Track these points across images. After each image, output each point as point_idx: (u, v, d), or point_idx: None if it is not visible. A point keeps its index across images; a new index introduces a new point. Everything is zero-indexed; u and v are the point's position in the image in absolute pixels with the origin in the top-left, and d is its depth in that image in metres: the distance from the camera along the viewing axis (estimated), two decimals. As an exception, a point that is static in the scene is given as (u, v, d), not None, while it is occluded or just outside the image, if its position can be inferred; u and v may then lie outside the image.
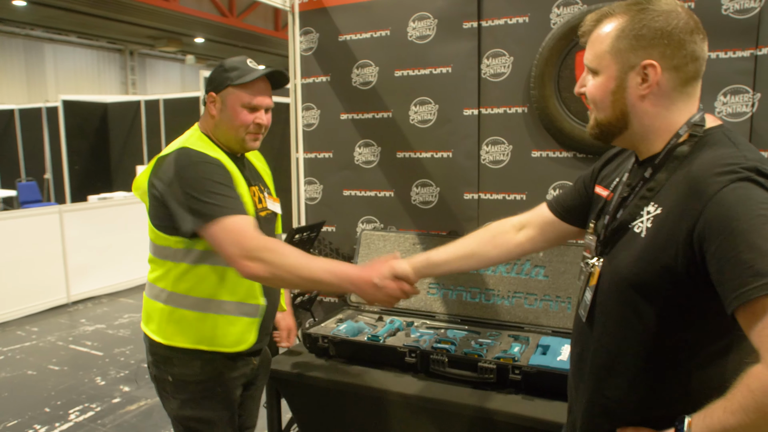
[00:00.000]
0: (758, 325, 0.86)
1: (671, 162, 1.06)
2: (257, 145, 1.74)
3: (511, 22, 2.41)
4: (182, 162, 1.57)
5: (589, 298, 1.18)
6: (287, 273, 1.49)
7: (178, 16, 11.46)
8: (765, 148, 2.08)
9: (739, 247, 0.87)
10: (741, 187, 0.92)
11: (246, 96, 1.65)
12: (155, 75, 17.64)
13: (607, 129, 1.14)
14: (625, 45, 1.07)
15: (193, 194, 1.51)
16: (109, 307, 5.94)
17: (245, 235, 1.49)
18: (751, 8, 2.04)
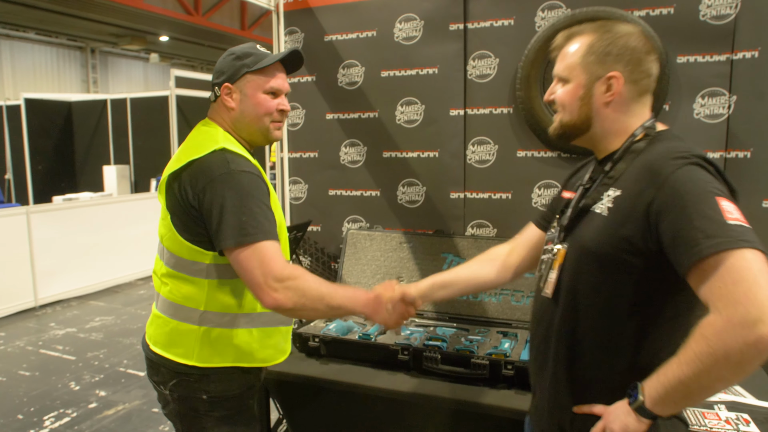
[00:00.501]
0: (709, 280, 0.98)
1: (629, 155, 1.24)
2: (280, 134, 1.63)
3: (497, 24, 2.46)
4: (221, 169, 1.44)
5: (554, 276, 1.31)
6: (311, 302, 1.44)
7: (142, 13, 11.23)
8: (741, 148, 2.19)
9: (692, 216, 1.02)
10: (691, 170, 1.09)
11: (267, 81, 1.55)
12: (118, 73, 17.24)
13: (570, 130, 1.31)
14: (593, 59, 1.25)
15: (234, 210, 1.40)
16: (79, 311, 5.79)
17: (275, 262, 1.41)
18: (727, 15, 2.13)
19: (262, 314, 1.59)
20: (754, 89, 2.14)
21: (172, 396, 1.59)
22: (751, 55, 2.13)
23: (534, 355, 1.42)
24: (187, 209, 1.47)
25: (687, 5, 2.17)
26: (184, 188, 1.46)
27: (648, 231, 1.10)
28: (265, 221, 1.43)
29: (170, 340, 1.57)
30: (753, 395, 1.93)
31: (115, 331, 5.14)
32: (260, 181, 1.48)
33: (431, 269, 2.60)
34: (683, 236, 1.03)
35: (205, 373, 1.55)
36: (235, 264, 1.43)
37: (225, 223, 1.40)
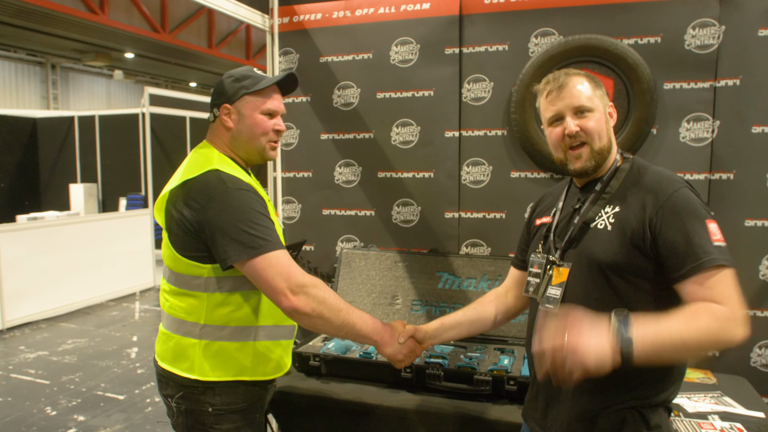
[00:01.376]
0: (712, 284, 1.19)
1: (619, 174, 1.41)
2: (275, 154, 1.69)
3: (492, 49, 2.54)
4: (218, 189, 1.49)
5: (558, 293, 1.41)
6: (329, 312, 1.48)
7: (107, 30, 11.06)
8: (724, 170, 2.30)
9: (690, 234, 1.23)
10: (686, 193, 1.29)
11: (264, 102, 1.61)
12: (79, 90, 16.89)
13: (601, 155, 1.41)
14: (599, 92, 1.43)
15: (240, 225, 1.46)
16: (49, 333, 5.61)
17: (293, 269, 1.47)
18: (711, 44, 2.26)
19: (262, 328, 1.62)
20: (736, 115, 2.26)
21: (178, 409, 1.62)
22: (732, 83, 2.26)
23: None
24: (184, 227, 1.52)
25: (673, 35, 2.29)
26: (180, 207, 1.52)
27: (644, 239, 1.28)
28: (271, 232, 1.50)
29: (175, 355, 1.61)
30: (741, 405, 2.01)
31: (89, 354, 4.99)
32: (257, 196, 1.54)
33: (426, 288, 2.64)
34: (684, 251, 1.23)
35: (209, 386, 1.58)
36: (252, 275, 1.48)
37: (233, 239, 1.46)
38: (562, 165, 1.45)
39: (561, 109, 1.40)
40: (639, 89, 2.31)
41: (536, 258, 1.52)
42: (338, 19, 2.75)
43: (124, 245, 7.05)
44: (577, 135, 1.38)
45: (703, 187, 2.32)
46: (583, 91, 1.39)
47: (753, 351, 2.31)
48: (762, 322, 2.30)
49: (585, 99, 1.38)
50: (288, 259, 1.50)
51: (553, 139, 1.43)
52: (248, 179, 1.60)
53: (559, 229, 1.48)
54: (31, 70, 15.46)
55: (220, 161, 1.59)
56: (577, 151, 1.39)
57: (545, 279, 1.47)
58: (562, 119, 1.40)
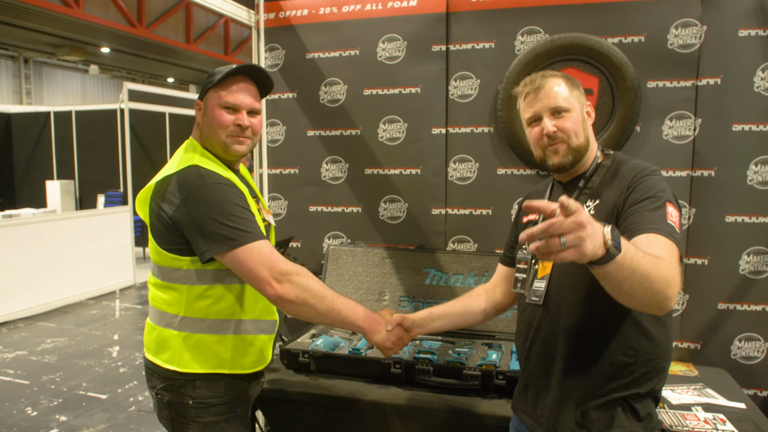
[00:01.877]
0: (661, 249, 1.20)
1: (600, 170, 1.47)
2: (243, 149, 1.65)
3: (478, 47, 2.56)
4: (196, 183, 1.51)
5: (542, 285, 1.47)
6: (314, 298, 1.50)
7: (82, 23, 10.82)
8: (705, 167, 2.35)
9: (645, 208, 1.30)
10: (656, 178, 1.37)
11: (223, 96, 1.60)
12: (53, 85, 16.57)
13: (579, 152, 1.46)
14: (576, 92, 1.48)
15: (218, 219, 1.48)
16: (28, 332, 5.51)
17: (275, 258, 1.50)
18: (693, 44, 2.31)
19: (242, 321, 1.63)
20: (717, 113, 2.31)
21: (161, 401, 1.64)
22: (714, 82, 2.31)
23: (536, 359, 1.52)
24: (164, 221, 1.54)
25: (656, 34, 2.33)
26: (160, 202, 1.54)
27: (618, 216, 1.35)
28: (251, 224, 1.51)
29: (157, 346, 1.63)
30: (723, 397, 2.06)
31: (69, 353, 4.91)
32: (236, 189, 1.56)
33: (414, 284, 2.65)
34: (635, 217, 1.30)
35: (189, 378, 1.60)
36: (235, 266, 1.50)
37: (213, 232, 1.48)
38: (541, 162, 1.51)
39: (538, 110, 1.46)
40: (623, 87, 2.35)
41: (522, 254, 1.57)
42: (325, 16, 2.74)
43: (103, 243, 6.94)
44: (554, 135, 1.44)
45: (685, 184, 2.37)
46: (559, 93, 1.45)
47: (733, 344, 2.37)
48: (742, 315, 2.35)
49: (561, 100, 1.44)
50: (270, 249, 1.52)
51: (533, 138, 1.50)
52: (227, 173, 1.61)
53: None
54: (3, 64, 15.11)
55: (202, 156, 1.62)
56: (555, 146, 1.45)
57: (531, 273, 1.52)
58: (540, 120, 1.46)
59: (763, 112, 2.28)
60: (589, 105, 1.51)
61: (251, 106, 1.64)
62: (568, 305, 1.42)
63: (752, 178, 2.32)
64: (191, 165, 1.56)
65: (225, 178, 1.57)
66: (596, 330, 1.39)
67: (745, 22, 2.27)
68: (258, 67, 1.69)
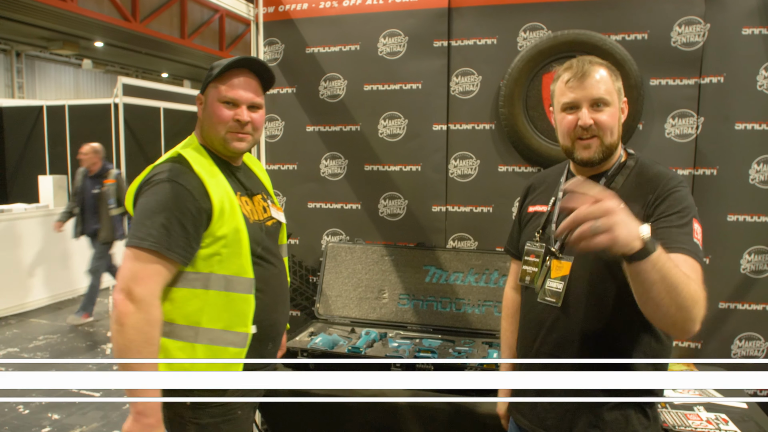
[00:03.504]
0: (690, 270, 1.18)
1: (624, 171, 1.42)
2: (243, 146, 1.60)
3: (480, 43, 2.54)
4: (159, 177, 1.47)
5: (560, 286, 1.41)
6: (132, 330, 1.38)
7: (75, 17, 10.72)
8: (708, 166, 2.34)
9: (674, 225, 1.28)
10: (683, 190, 1.34)
11: (222, 90, 1.55)
12: (46, 79, 16.41)
13: (610, 150, 1.40)
14: (618, 85, 1.40)
15: (144, 213, 1.44)
16: (19, 329, 5.44)
17: (145, 278, 1.40)
18: (696, 42, 2.30)
19: (206, 330, 1.53)
20: (720, 111, 2.31)
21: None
22: (717, 80, 2.30)
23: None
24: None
25: (660, 32, 2.32)
26: (137, 194, 1.52)
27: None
28: (163, 232, 1.41)
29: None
30: (722, 395, 2.06)
31: (62, 351, 4.86)
32: (186, 194, 1.46)
33: (413, 282, 2.63)
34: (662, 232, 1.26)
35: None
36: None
37: (132, 224, 1.45)
38: (567, 153, 1.43)
39: (579, 99, 1.37)
40: (626, 85, 2.29)
41: (533, 247, 1.50)
42: (325, 10, 2.71)
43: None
44: (590, 128, 1.36)
45: (687, 182, 2.35)
46: (603, 84, 1.36)
47: (734, 343, 2.37)
48: (742, 315, 2.35)
49: (604, 92, 1.36)
50: (153, 270, 1.41)
51: (564, 126, 1.40)
52: (210, 170, 1.54)
53: (559, 220, 1.45)
54: (-6, 57, 14.99)
55: (192, 150, 1.57)
56: (587, 142, 1.38)
57: (543, 269, 1.46)
58: (577, 108, 1.37)
59: (766, 111, 2.28)
60: (624, 101, 1.43)
61: (252, 100, 1.59)
62: (588, 310, 1.38)
63: (754, 178, 2.31)
64: (172, 156, 1.53)
65: (189, 179, 1.48)
66: (614, 335, 1.36)
67: (749, 20, 2.26)
68: (259, 61, 1.65)
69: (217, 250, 1.50)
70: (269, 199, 1.77)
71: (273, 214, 1.73)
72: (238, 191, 1.61)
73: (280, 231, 1.82)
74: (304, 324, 2.66)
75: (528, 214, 1.59)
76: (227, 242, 1.50)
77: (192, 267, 1.49)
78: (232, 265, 1.51)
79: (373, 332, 2.45)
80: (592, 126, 1.35)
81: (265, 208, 1.71)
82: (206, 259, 1.49)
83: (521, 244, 1.57)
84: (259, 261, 1.59)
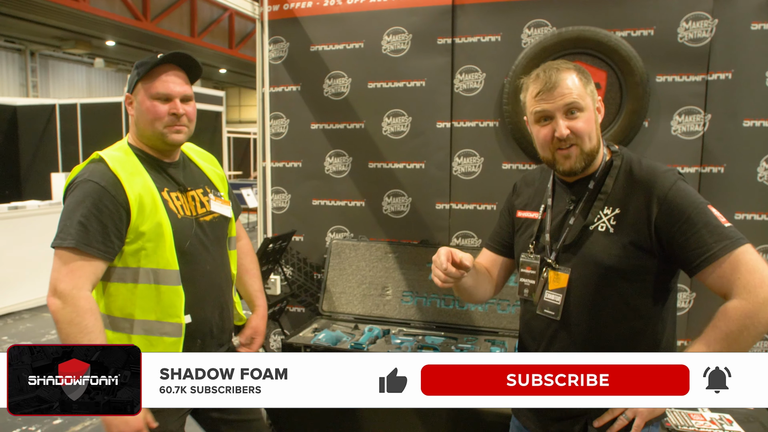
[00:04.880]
0: (727, 275, 1.20)
1: (612, 171, 1.36)
2: (181, 137, 1.61)
3: (484, 40, 2.52)
4: (78, 178, 1.51)
5: (558, 299, 1.38)
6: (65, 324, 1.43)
7: (87, 17, 10.83)
8: (715, 163, 2.32)
9: (697, 225, 1.22)
10: (682, 185, 1.28)
11: (153, 86, 1.56)
12: (59, 78, 16.60)
13: (591, 156, 1.35)
14: (590, 88, 1.36)
15: (65, 214, 1.47)
16: (33, 323, 5.51)
17: (68, 274, 1.44)
18: (703, 38, 2.27)
19: (139, 321, 1.55)
20: (727, 108, 2.27)
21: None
22: (724, 77, 2.27)
23: None
24: None
25: (666, 28, 2.29)
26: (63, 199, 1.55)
27: (650, 239, 1.27)
28: (83, 230, 1.45)
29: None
30: (729, 397, 2.03)
31: (73, 345, 4.90)
32: (101, 191, 1.49)
33: (417, 279, 2.63)
34: (694, 243, 1.22)
35: None
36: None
37: (59, 224, 1.48)
38: (549, 164, 1.39)
39: (551, 109, 1.32)
40: (632, 82, 2.31)
41: (528, 259, 1.46)
42: (329, 8, 2.71)
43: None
44: (567, 138, 1.31)
45: (693, 180, 2.33)
46: (574, 90, 1.32)
47: (740, 343, 2.34)
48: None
49: (577, 97, 1.31)
50: (72, 264, 1.45)
51: (541, 139, 1.36)
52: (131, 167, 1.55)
53: (551, 229, 1.42)
54: (10, 57, 15.14)
55: (115, 149, 1.60)
56: (566, 152, 1.33)
57: (540, 282, 1.42)
58: (550, 119, 1.33)
59: (775, 107, 2.24)
60: (599, 100, 1.39)
61: (183, 93, 1.60)
62: (587, 322, 1.35)
63: (762, 175, 2.28)
64: (92, 158, 1.55)
65: (103, 177, 1.50)
66: (615, 346, 1.33)
67: (758, 15, 2.22)
68: (184, 54, 1.63)
69: (142, 245, 1.52)
70: (212, 193, 1.74)
71: (214, 208, 1.70)
72: (166, 187, 1.60)
73: (228, 225, 1.78)
74: (308, 320, 2.67)
75: (519, 220, 1.53)
76: (150, 237, 1.52)
77: (122, 262, 1.52)
78: (158, 259, 1.53)
79: (376, 329, 2.45)
80: (570, 135, 1.31)
81: (203, 202, 1.68)
82: (133, 254, 1.52)
83: (516, 253, 1.52)
84: (188, 255, 1.59)
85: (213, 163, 1.85)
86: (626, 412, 1.29)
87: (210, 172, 1.79)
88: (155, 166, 1.61)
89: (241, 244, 1.91)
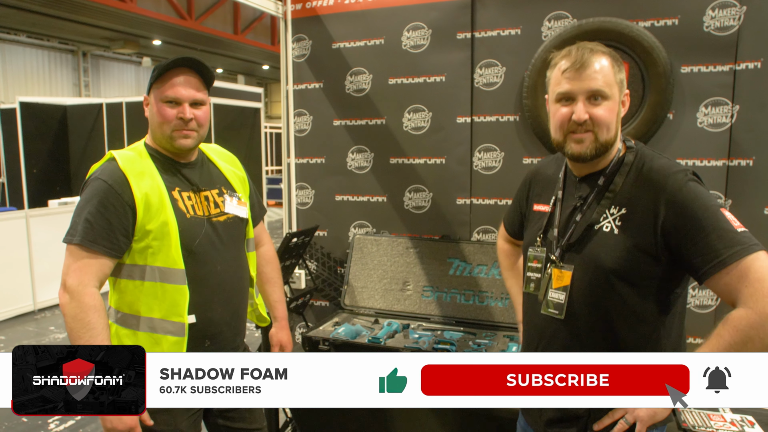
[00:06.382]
0: (735, 283, 1.14)
1: (623, 168, 1.31)
2: (189, 142, 1.62)
3: (504, 33, 2.50)
4: (92, 177, 1.56)
5: (562, 297, 1.35)
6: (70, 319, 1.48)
7: (135, 17, 11.18)
8: (743, 156, 2.24)
9: (707, 230, 1.16)
10: (693, 186, 1.22)
11: (163, 90, 1.58)
12: (109, 77, 17.18)
13: (604, 147, 1.29)
14: (620, 77, 1.29)
15: (76, 211, 1.53)
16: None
17: (76, 270, 1.49)
18: (731, 26, 2.19)
19: (146, 319, 1.57)
20: (757, 99, 2.19)
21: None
22: (753, 66, 2.19)
23: None
24: None
25: (691, 16, 2.23)
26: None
27: (657, 244, 1.22)
28: (92, 227, 1.49)
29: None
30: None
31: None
32: (108, 189, 1.52)
33: (437, 274, 2.63)
34: (702, 248, 1.17)
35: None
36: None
37: (71, 221, 1.53)
38: (558, 146, 1.34)
39: (575, 90, 1.26)
40: (654, 73, 2.25)
41: (535, 252, 1.44)
42: (350, 5, 2.73)
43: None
44: (584, 123, 1.26)
45: (720, 174, 2.26)
46: (603, 75, 1.25)
47: None
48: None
49: (603, 84, 1.25)
50: (80, 260, 1.49)
51: (557, 118, 1.30)
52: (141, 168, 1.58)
53: (559, 224, 1.39)
54: (63, 58, 15.77)
55: (128, 149, 1.64)
56: (580, 136, 1.27)
57: (545, 278, 1.40)
58: (572, 100, 1.27)
59: (807, 97, 2.15)
60: (626, 94, 1.32)
61: (193, 97, 1.61)
62: (591, 323, 1.32)
63: (794, 168, 2.19)
64: (106, 158, 1.59)
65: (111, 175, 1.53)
66: (618, 347, 1.30)
67: (789, 1, 2.13)
68: (197, 59, 1.65)
69: (149, 243, 1.55)
70: (228, 193, 1.75)
71: (228, 209, 1.71)
72: (178, 187, 1.63)
73: (244, 226, 1.79)
74: (331, 314, 2.71)
75: (533, 213, 1.51)
76: (156, 235, 1.55)
77: (130, 259, 1.56)
78: (164, 257, 1.56)
79: (395, 323, 2.47)
80: (587, 121, 1.26)
81: (217, 203, 1.70)
82: (141, 252, 1.56)
83: (524, 245, 1.51)
84: (197, 255, 1.61)
85: (234, 164, 1.87)
86: (626, 416, 1.26)
87: (229, 173, 1.81)
88: (168, 165, 1.65)
89: (263, 250, 1.92)
